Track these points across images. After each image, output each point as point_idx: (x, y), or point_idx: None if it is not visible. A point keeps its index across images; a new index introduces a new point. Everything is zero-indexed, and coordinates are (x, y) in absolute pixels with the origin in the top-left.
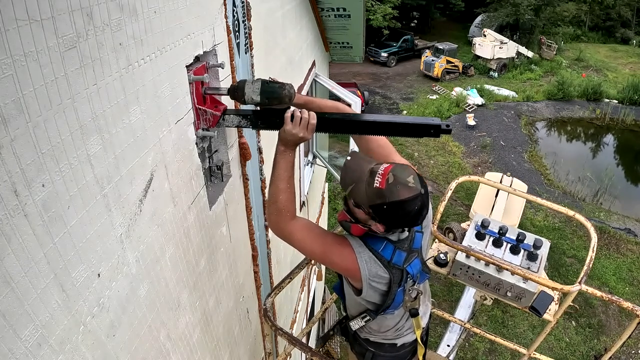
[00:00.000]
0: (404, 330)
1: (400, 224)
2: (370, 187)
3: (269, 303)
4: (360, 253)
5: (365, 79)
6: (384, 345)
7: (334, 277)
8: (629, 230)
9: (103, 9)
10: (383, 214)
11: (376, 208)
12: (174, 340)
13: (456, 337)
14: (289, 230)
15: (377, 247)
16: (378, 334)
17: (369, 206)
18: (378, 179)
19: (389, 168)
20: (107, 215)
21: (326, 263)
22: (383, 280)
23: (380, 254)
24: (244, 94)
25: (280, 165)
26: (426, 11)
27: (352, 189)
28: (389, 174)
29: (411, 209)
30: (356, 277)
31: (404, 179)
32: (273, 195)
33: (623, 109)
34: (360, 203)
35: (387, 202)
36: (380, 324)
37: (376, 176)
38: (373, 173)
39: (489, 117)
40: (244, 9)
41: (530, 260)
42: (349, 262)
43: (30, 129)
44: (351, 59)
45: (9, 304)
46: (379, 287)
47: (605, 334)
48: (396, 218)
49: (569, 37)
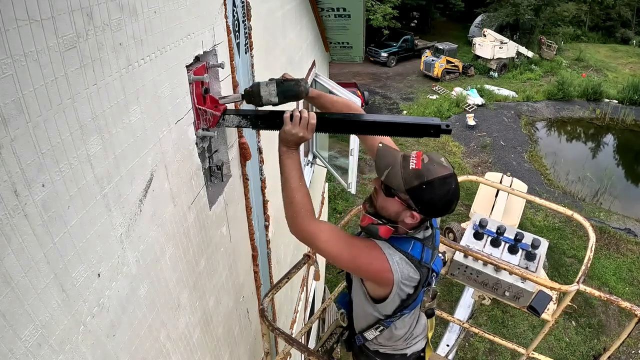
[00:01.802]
0: (413, 339)
1: (437, 207)
2: (406, 170)
3: (267, 303)
4: (391, 255)
5: (365, 79)
6: (394, 356)
7: (333, 277)
8: (629, 230)
9: (103, 9)
10: (421, 197)
11: (414, 190)
12: (174, 340)
13: (455, 337)
14: (312, 231)
15: (405, 248)
16: (388, 344)
17: (407, 190)
18: (413, 161)
19: (421, 152)
20: (107, 215)
21: (354, 268)
22: (413, 282)
23: (411, 254)
24: (261, 98)
25: (287, 165)
26: (426, 11)
27: (388, 174)
28: (423, 155)
29: (449, 188)
30: (387, 281)
31: (438, 159)
32: (287, 197)
33: (623, 109)
34: (396, 189)
35: (426, 180)
36: (391, 334)
37: (411, 159)
38: (406, 157)
39: (489, 117)
40: (244, 9)
41: (529, 259)
42: (379, 266)
43: (30, 129)
44: (351, 59)
45: (9, 304)
46: (405, 290)
47: (605, 334)
48: (434, 199)
49: (569, 37)
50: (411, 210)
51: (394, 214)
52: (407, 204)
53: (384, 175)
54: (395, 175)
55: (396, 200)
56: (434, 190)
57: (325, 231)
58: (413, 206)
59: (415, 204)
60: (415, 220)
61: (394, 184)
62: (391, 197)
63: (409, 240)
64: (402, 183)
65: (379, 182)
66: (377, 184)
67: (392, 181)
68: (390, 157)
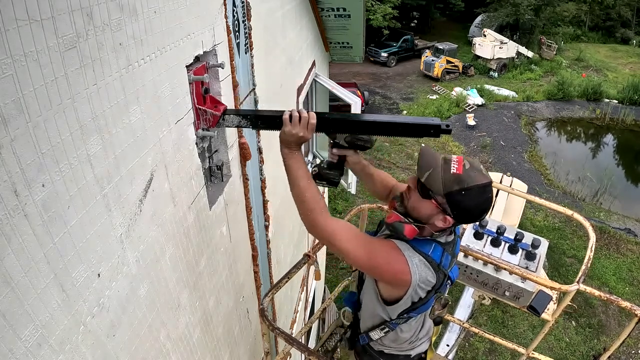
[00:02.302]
0: (418, 341)
1: (472, 214)
2: (447, 174)
3: (267, 302)
4: (411, 257)
5: (365, 79)
6: (398, 357)
7: (333, 277)
8: (629, 230)
9: (103, 9)
10: (458, 202)
11: (453, 195)
12: (174, 340)
13: (455, 337)
14: (329, 228)
15: (426, 250)
16: (393, 346)
17: (445, 194)
18: (454, 165)
19: (462, 157)
20: (107, 215)
21: (370, 267)
22: (429, 286)
23: (431, 257)
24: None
25: (292, 166)
26: (426, 11)
27: (429, 175)
28: (464, 161)
29: (486, 197)
30: (403, 283)
31: (478, 166)
32: (298, 196)
33: (623, 109)
34: (435, 191)
35: (466, 187)
36: (396, 336)
37: (452, 162)
38: (447, 161)
39: (489, 117)
40: (244, 9)
41: (529, 259)
42: (398, 267)
43: (30, 129)
44: (351, 59)
45: (9, 304)
46: (419, 293)
47: (605, 334)
48: (471, 206)
49: (569, 37)
50: (445, 215)
51: (426, 216)
52: (443, 207)
53: (424, 177)
54: (435, 177)
55: (432, 202)
56: (472, 197)
57: (342, 229)
58: (448, 211)
59: (451, 209)
60: (446, 225)
61: (434, 187)
62: (427, 199)
63: (430, 243)
64: (441, 187)
65: (415, 182)
66: (413, 184)
67: (432, 183)
68: (432, 159)
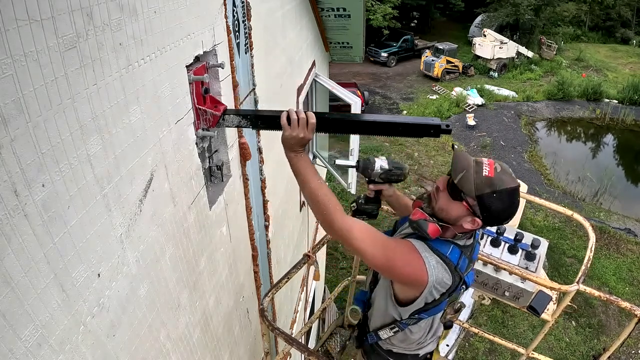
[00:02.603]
0: (426, 342)
1: (501, 217)
2: (479, 175)
3: (266, 302)
4: (428, 258)
5: (365, 79)
6: (406, 356)
7: (333, 277)
8: (629, 230)
9: (103, 9)
10: (489, 205)
11: (484, 197)
12: (174, 340)
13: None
14: (345, 227)
15: (444, 251)
16: (402, 345)
17: (477, 196)
18: (486, 168)
19: (493, 160)
20: (107, 215)
21: (387, 268)
22: (444, 287)
23: (448, 258)
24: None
25: (300, 168)
26: (426, 11)
27: (462, 177)
28: (496, 164)
29: (514, 200)
30: (420, 283)
31: (508, 170)
32: (311, 198)
33: (623, 109)
34: (467, 193)
35: (497, 189)
36: (405, 337)
37: (484, 165)
38: (479, 163)
39: (489, 117)
40: (244, 9)
41: (528, 259)
42: (415, 267)
43: (30, 129)
44: (351, 59)
45: (9, 304)
46: (434, 295)
47: (605, 334)
48: (500, 209)
49: (569, 37)
50: (474, 217)
51: (455, 217)
52: (473, 209)
53: (458, 178)
54: (468, 179)
55: (462, 204)
56: (502, 200)
57: (359, 229)
58: (478, 213)
59: (481, 211)
60: (474, 227)
61: (466, 188)
62: (458, 201)
63: (448, 244)
64: (473, 189)
65: (445, 183)
66: (443, 185)
67: (464, 185)
68: (465, 162)
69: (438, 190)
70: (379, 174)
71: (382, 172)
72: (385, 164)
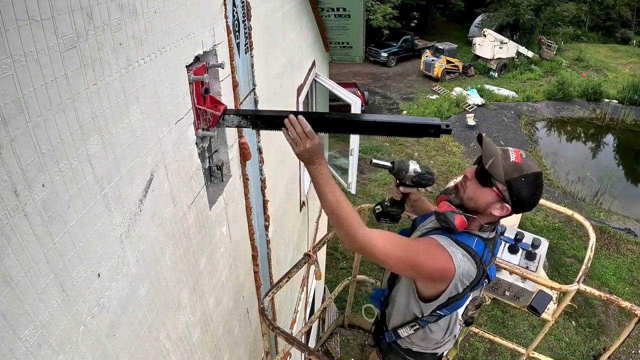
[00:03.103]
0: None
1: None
2: (507, 162)
3: (267, 302)
4: (454, 252)
5: (365, 79)
6: (425, 355)
7: (333, 277)
8: (629, 230)
9: (103, 9)
10: (518, 189)
11: (514, 182)
12: (174, 340)
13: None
14: (367, 240)
15: (468, 243)
16: (422, 344)
17: (506, 181)
18: (513, 154)
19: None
20: (107, 215)
21: (414, 270)
22: (469, 280)
23: (474, 250)
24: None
25: (318, 182)
26: (426, 11)
27: (492, 163)
28: (521, 151)
29: (540, 184)
30: (447, 277)
31: (531, 157)
32: (330, 212)
33: (623, 109)
34: (497, 178)
35: (525, 174)
36: (425, 335)
37: (510, 152)
38: (505, 151)
39: (489, 117)
40: (244, 9)
41: (529, 259)
42: (442, 262)
43: (30, 129)
44: (351, 59)
45: (9, 304)
46: (458, 288)
47: (605, 334)
48: (528, 194)
49: (569, 37)
50: (503, 203)
51: (485, 204)
52: (503, 195)
53: (489, 164)
54: (497, 165)
55: (492, 190)
56: (529, 184)
57: (381, 239)
58: (507, 198)
59: (511, 196)
60: (503, 213)
61: (496, 174)
62: (487, 188)
63: (473, 237)
64: (503, 173)
65: (473, 172)
66: (471, 174)
67: (495, 170)
68: (493, 149)
69: (466, 180)
70: (411, 177)
71: (415, 175)
72: (418, 168)
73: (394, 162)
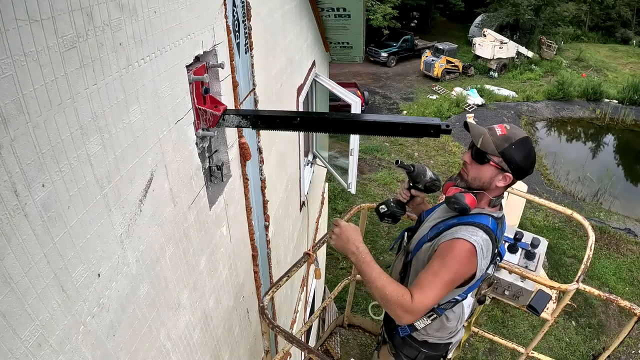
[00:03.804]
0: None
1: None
2: (495, 136)
3: (267, 301)
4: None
5: (365, 79)
6: (440, 345)
7: (333, 277)
8: (629, 230)
9: (103, 9)
10: (512, 156)
11: (506, 151)
12: (174, 340)
13: None
14: (416, 309)
15: (484, 222)
16: (437, 335)
17: (500, 152)
18: (499, 129)
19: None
20: (107, 215)
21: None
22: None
23: (490, 228)
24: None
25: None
26: (426, 11)
27: (482, 141)
28: (504, 124)
29: (531, 147)
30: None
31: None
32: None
33: (623, 109)
34: (491, 152)
35: (514, 141)
36: (441, 324)
37: (496, 128)
38: (491, 128)
39: (489, 117)
40: (244, 9)
41: (528, 259)
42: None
43: (30, 129)
44: (351, 59)
45: (9, 304)
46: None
47: (605, 333)
48: (522, 158)
49: (569, 37)
50: (504, 173)
51: (488, 179)
52: (501, 166)
53: (479, 142)
54: (488, 141)
55: (490, 165)
56: (520, 149)
57: (420, 299)
58: (505, 167)
59: (508, 165)
60: (507, 182)
61: (489, 149)
62: (486, 164)
63: (486, 217)
64: (494, 147)
65: (469, 156)
66: (468, 158)
67: (487, 146)
68: (479, 129)
69: (466, 164)
70: (426, 182)
71: (429, 181)
72: (432, 175)
73: (414, 166)
